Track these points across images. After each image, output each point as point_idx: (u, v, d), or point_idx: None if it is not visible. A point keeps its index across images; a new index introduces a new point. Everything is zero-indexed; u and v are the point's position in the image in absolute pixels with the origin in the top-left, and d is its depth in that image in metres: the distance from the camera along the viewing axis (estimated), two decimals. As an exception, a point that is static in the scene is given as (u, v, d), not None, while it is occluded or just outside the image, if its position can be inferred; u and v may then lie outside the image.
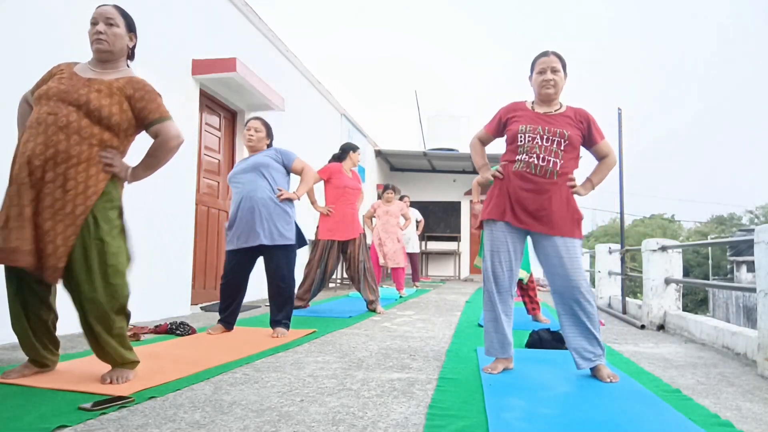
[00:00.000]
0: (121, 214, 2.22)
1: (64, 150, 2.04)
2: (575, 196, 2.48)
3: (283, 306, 3.47)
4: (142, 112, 2.20)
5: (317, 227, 4.97)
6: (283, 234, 3.41)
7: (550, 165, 2.39)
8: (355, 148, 4.99)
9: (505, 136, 2.57)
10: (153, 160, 2.25)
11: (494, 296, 2.49)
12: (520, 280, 4.33)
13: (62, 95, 2.10)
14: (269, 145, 3.62)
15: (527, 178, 2.41)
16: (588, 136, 2.50)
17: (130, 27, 2.29)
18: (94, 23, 2.22)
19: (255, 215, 3.37)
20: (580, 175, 2.52)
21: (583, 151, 2.55)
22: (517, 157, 2.45)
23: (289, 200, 3.47)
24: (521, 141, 2.44)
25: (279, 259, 3.45)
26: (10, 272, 2.12)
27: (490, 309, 2.51)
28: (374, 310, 4.90)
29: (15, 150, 2.12)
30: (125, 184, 2.26)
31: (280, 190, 3.44)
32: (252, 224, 3.37)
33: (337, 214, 4.81)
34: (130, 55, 2.34)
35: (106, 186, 2.13)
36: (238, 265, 3.50)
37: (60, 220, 2.03)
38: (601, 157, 2.56)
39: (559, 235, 2.40)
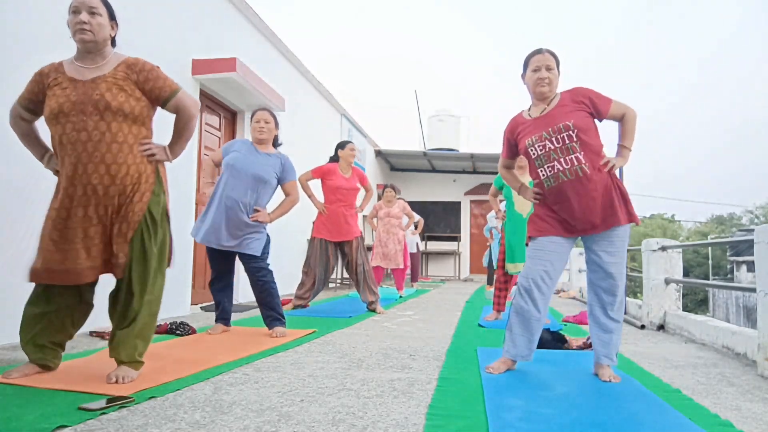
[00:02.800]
0: (165, 212, 2.33)
1: (112, 161, 2.12)
2: (616, 172, 2.41)
3: (268, 302, 3.43)
4: (153, 93, 2.24)
5: (313, 223, 4.96)
6: (249, 245, 3.36)
7: (576, 163, 2.32)
8: (342, 145, 4.94)
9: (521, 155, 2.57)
10: (184, 132, 2.34)
11: (537, 303, 2.41)
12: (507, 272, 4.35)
13: (80, 107, 2.10)
14: (276, 138, 3.58)
15: (563, 189, 2.35)
16: (596, 110, 2.41)
17: (112, 15, 2.25)
18: (75, 12, 2.15)
19: (230, 223, 3.32)
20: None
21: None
22: (541, 174, 2.41)
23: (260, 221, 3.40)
24: (534, 154, 2.41)
25: (252, 261, 3.41)
26: (46, 289, 2.17)
27: (523, 313, 2.43)
28: (374, 311, 4.90)
29: (60, 177, 2.16)
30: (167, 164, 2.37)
31: (256, 210, 3.37)
32: (224, 229, 3.32)
33: (330, 215, 4.83)
34: (113, 43, 2.30)
35: (155, 178, 2.25)
36: (220, 263, 3.49)
37: (123, 221, 2.16)
38: (619, 119, 2.44)
39: (610, 227, 2.35)
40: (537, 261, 2.44)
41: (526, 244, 2.56)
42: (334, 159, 4.95)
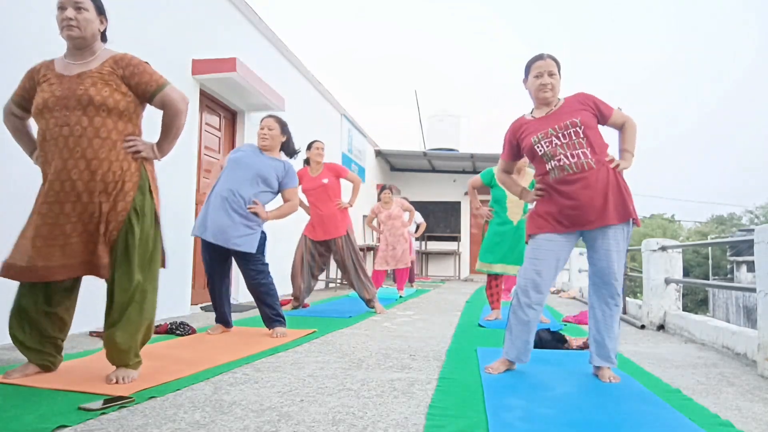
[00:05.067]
0: (153, 211, 2.24)
1: (93, 157, 2.08)
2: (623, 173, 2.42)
3: (267, 303, 3.40)
4: (139, 87, 2.19)
5: None
6: (238, 242, 3.27)
7: (582, 157, 2.33)
8: (309, 146, 4.89)
9: (525, 156, 2.56)
10: (172, 129, 2.27)
11: (532, 306, 2.42)
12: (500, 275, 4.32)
13: (64, 102, 2.08)
14: (284, 144, 3.54)
15: (568, 180, 2.34)
16: (599, 114, 2.45)
17: (100, 9, 2.22)
18: (61, 8, 2.13)
19: (220, 212, 3.26)
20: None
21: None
22: (548, 167, 2.40)
23: (256, 213, 3.33)
24: (541, 150, 2.40)
25: (247, 261, 3.36)
26: (29, 285, 2.14)
27: (523, 314, 2.44)
28: (373, 308, 4.91)
29: (43, 172, 2.15)
30: (155, 162, 2.31)
31: (255, 202, 3.31)
32: (219, 223, 3.26)
33: (311, 216, 4.92)
34: (103, 38, 2.27)
35: (140, 175, 2.19)
36: (214, 263, 3.42)
37: (106, 221, 2.11)
38: (620, 127, 2.49)
39: (613, 223, 2.32)
40: (534, 261, 2.44)
41: (526, 242, 2.56)
42: (306, 162, 4.96)
